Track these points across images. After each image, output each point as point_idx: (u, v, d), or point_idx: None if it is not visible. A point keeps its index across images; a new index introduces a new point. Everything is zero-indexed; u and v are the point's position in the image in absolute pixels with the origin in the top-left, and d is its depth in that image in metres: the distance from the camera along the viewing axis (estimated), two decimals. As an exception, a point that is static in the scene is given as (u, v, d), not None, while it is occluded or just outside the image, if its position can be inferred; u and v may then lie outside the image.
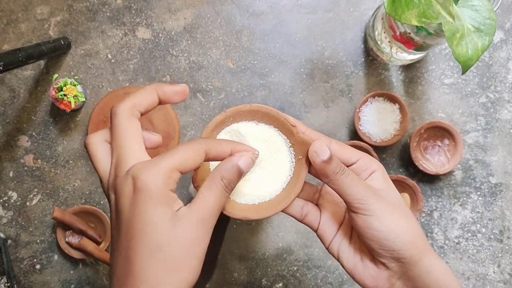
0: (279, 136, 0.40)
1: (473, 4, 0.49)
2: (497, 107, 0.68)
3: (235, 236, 0.69)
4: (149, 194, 0.30)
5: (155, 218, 0.30)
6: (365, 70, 0.68)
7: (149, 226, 0.30)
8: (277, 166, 0.41)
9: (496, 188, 0.68)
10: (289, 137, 0.40)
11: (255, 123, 0.40)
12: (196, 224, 0.32)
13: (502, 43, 0.68)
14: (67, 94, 0.62)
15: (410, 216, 0.39)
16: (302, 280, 0.68)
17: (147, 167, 0.31)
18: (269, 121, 0.40)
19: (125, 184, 0.31)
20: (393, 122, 0.66)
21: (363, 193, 0.37)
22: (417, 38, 0.56)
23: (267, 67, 0.68)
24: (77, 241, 0.66)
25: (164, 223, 0.30)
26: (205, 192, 0.33)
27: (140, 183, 0.30)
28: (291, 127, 0.39)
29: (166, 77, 0.69)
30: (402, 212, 0.39)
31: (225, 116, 0.39)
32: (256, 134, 0.40)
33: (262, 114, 0.40)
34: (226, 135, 0.40)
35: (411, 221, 0.39)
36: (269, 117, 0.40)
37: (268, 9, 0.69)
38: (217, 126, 0.39)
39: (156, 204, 0.30)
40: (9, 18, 0.68)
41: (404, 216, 0.38)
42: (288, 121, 0.39)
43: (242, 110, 0.39)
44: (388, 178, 0.41)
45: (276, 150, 0.41)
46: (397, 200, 0.40)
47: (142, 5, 0.69)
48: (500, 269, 0.68)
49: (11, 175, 0.69)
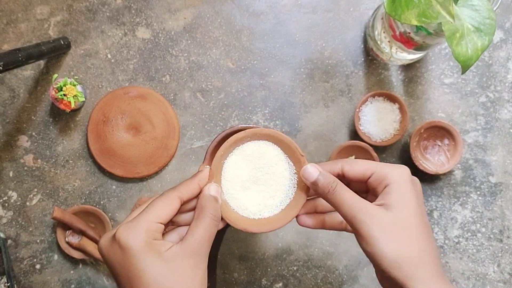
0: (286, 159, 0.45)
1: (473, 4, 0.49)
2: (496, 107, 0.68)
3: (235, 236, 0.69)
4: (134, 250, 0.36)
5: (147, 267, 0.36)
6: (365, 70, 0.68)
7: (145, 274, 0.36)
8: (279, 186, 0.45)
9: (496, 187, 0.68)
10: (295, 164, 0.45)
11: (266, 143, 0.45)
12: (188, 258, 0.37)
13: (502, 43, 0.68)
14: (67, 94, 0.62)
15: (412, 236, 0.38)
16: (302, 280, 0.68)
17: (128, 228, 0.36)
18: (281, 146, 0.45)
19: (113, 247, 0.37)
20: (393, 122, 0.66)
21: (353, 213, 0.39)
22: (417, 38, 0.56)
23: (267, 67, 0.68)
24: (77, 241, 0.66)
25: (156, 267, 0.36)
26: (193, 228, 0.39)
27: (124, 243, 0.36)
28: (299, 156, 0.44)
29: (166, 77, 0.69)
30: (402, 231, 0.38)
31: (244, 135, 0.45)
32: (265, 154, 0.45)
33: (276, 140, 0.45)
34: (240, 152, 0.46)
35: (407, 242, 0.38)
36: (282, 143, 0.45)
37: (268, 9, 0.69)
38: (235, 143, 0.45)
39: (143, 255, 0.36)
40: (9, 18, 0.68)
41: (400, 236, 0.38)
42: (298, 151, 0.44)
43: (260, 133, 0.45)
44: (407, 188, 0.39)
45: (280, 172, 0.45)
46: (403, 216, 0.38)
47: (142, 5, 0.69)
48: (500, 268, 0.68)
49: (11, 175, 0.69)
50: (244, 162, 0.46)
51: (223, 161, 0.46)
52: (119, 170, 0.67)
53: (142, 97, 0.67)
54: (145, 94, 0.67)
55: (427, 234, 0.39)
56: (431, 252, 0.38)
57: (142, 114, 0.67)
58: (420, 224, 0.39)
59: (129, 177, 0.68)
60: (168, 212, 0.39)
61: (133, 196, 0.69)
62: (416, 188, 0.41)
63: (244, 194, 0.46)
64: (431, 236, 0.40)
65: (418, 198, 0.40)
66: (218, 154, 0.45)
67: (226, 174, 0.46)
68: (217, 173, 0.45)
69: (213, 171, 0.44)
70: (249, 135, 0.45)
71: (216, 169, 0.45)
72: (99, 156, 0.67)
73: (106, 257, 0.38)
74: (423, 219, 0.40)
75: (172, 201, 0.39)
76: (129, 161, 0.67)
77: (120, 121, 0.67)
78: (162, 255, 0.36)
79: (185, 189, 0.41)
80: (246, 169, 0.46)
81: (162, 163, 0.68)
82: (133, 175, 0.68)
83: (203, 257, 0.38)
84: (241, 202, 0.46)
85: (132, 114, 0.67)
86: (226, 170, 0.46)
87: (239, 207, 0.46)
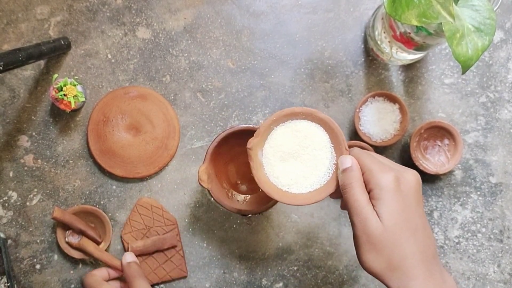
0: (331, 148, 0.47)
1: (473, 4, 0.49)
2: (497, 107, 0.68)
3: (235, 236, 0.69)
4: None
5: None
6: (365, 70, 0.68)
7: None
8: (315, 170, 0.47)
9: (496, 188, 0.68)
10: (337, 155, 0.46)
11: (318, 127, 0.47)
12: None
13: (502, 43, 0.68)
14: (67, 94, 0.62)
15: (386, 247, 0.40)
16: (302, 280, 0.68)
17: None
18: (330, 134, 0.47)
19: None
20: (393, 122, 0.66)
21: (352, 214, 0.42)
22: (417, 38, 0.56)
23: (267, 67, 0.68)
24: (77, 241, 0.66)
25: None
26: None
27: None
28: (344, 149, 0.46)
29: (166, 77, 0.69)
30: (384, 243, 0.41)
31: (300, 111, 0.47)
32: (313, 135, 0.47)
33: (328, 127, 0.47)
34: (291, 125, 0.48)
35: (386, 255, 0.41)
36: (332, 132, 0.47)
37: (268, 9, 0.69)
38: (289, 115, 0.47)
39: None
40: (9, 18, 0.68)
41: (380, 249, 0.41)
42: (344, 144, 0.46)
43: (315, 115, 0.47)
44: (389, 196, 0.41)
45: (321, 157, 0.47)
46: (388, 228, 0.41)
47: (142, 5, 0.69)
48: (500, 269, 0.68)
49: (11, 175, 0.69)
50: (291, 135, 0.48)
51: (273, 127, 0.48)
52: (119, 170, 0.67)
53: (142, 97, 0.67)
54: (145, 94, 0.67)
55: (412, 240, 0.41)
56: (415, 256, 0.40)
57: (142, 114, 0.67)
58: (403, 233, 0.41)
59: (129, 177, 0.68)
60: None
61: (133, 196, 0.69)
62: (403, 194, 0.42)
63: (280, 165, 0.48)
64: (419, 239, 0.41)
65: (405, 203, 0.41)
66: (270, 119, 0.47)
67: (271, 140, 0.48)
68: (263, 135, 0.47)
69: None
70: (305, 113, 0.47)
71: (264, 132, 0.47)
72: (99, 156, 0.67)
73: None
74: (411, 224, 0.41)
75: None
76: (129, 161, 0.67)
77: (121, 121, 0.67)
78: None
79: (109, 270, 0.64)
80: (291, 143, 0.48)
81: (162, 163, 0.68)
82: (133, 175, 0.68)
83: None
84: (275, 170, 0.48)
85: (132, 114, 0.67)
86: (272, 137, 0.48)
87: (272, 174, 0.48)
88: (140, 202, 0.68)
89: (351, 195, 0.42)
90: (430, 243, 0.42)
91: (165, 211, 0.68)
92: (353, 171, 0.43)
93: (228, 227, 0.69)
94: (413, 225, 0.41)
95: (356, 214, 0.42)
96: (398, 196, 0.41)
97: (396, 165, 0.45)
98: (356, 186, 0.43)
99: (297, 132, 0.47)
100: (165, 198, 0.69)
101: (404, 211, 0.41)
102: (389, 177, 0.41)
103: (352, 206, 0.42)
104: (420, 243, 0.41)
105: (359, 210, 0.42)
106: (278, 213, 0.68)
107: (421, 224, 0.42)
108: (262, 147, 0.48)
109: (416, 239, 0.41)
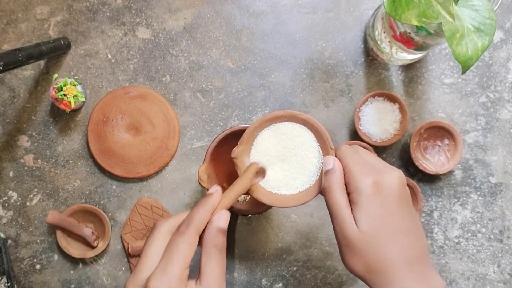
0: (317, 147, 0.47)
1: (473, 4, 0.49)
2: (497, 107, 0.68)
3: (235, 236, 0.69)
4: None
5: None
6: (365, 70, 0.68)
7: None
8: (304, 170, 0.47)
9: (496, 188, 0.68)
10: (324, 154, 0.47)
11: (302, 128, 0.47)
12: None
13: (502, 43, 0.68)
14: (67, 94, 0.62)
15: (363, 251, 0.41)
16: (302, 280, 0.68)
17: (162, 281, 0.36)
18: (315, 134, 0.47)
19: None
20: (393, 122, 0.66)
21: (332, 216, 0.43)
22: (417, 38, 0.56)
23: (267, 67, 0.68)
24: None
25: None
26: (206, 266, 0.39)
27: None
28: (329, 148, 0.46)
29: (166, 77, 0.69)
30: (361, 247, 0.41)
31: (282, 115, 0.47)
32: (298, 137, 0.47)
33: (312, 127, 0.47)
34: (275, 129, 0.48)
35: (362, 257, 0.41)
36: (317, 132, 0.47)
37: (268, 9, 0.69)
38: (271, 120, 0.47)
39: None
40: (9, 18, 0.68)
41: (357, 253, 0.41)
42: (329, 143, 0.46)
43: (298, 116, 0.47)
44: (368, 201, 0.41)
45: (308, 157, 0.47)
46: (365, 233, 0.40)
47: (142, 5, 0.69)
48: (500, 269, 0.68)
49: (11, 175, 0.69)
50: (277, 139, 0.48)
51: (257, 133, 0.48)
52: (119, 170, 0.67)
53: (142, 97, 0.67)
54: (145, 94, 0.67)
55: (392, 243, 0.40)
56: (394, 259, 0.40)
57: (142, 114, 0.67)
58: (381, 237, 0.40)
59: (129, 177, 0.68)
60: (193, 253, 0.39)
61: (133, 196, 0.69)
62: (382, 197, 0.41)
63: (268, 168, 0.48)
64: (400, 242, 0.41)
65: (384, 207, 0.41)
66: (252, 126, 0.48)
67: (256, 145, 0.48)
68: (248, 142, 0.48)
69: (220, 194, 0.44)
70: (287, 115, 0.47)
71: (248, 139, 0.47)
72: (99, 156, 0.67)
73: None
74: (390, 228, 0.41)
75: (194, 240, 0.39)
76: (129, 161, 0.67)
77: (120, 121, 0.67)
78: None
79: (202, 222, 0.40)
80: (277, 146, 0.48)
81: (162, 163, 0.68)
82: (133, 175, 0.68)
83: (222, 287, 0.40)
84: (268, 177, 0.48)
85: (132, 114, 0.67)
86: (257, 142, 0.48)
87: (265, 182, 0.48)
88: (140, 202, 0.68)
89: (330, 197, 0.42)
90: (415, 245, 0.41)
91: (165, 211, 0.68)
92: (333, 173, 0.43)
93: (227, 227, 0.69)
94: (392, 229, 0.41)
95: (335, 217, 0.42)
96: (376, 201, 0.41)
97: (381, 166, 0.44)
98: (335, 188, 0.42)
99: (282, 134, 0.48)
100: (165, 198, 0.69)
101: (383, 215, 0.41)
102: (368, 181, 0.41)
103: (331, 208, 0.42)
104: (401, 246, 0.41)
105: (337, 213, 0.42)
106: (278, 213, 0.68)
107: (403, 227, 0.41)
108: (249, 153, 0.48)
109: (397, 242, 0.40)
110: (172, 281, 0.36)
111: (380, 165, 0.44)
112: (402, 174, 0.43)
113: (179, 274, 0.37)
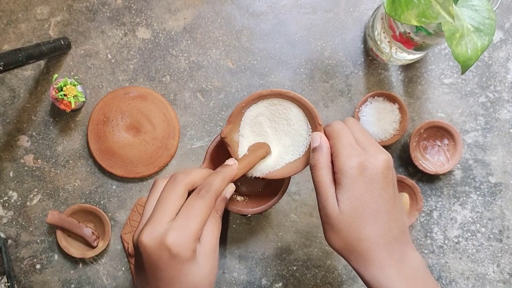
0: (306, 121, 0.48)
1: (473, 4, 0.49)
2: (496, 107, 0.68)
3: (235, 236, 0.69)
4: (184, 259, 0.38)
5: (189, 271, 0.39)
6: (364, 70, 0.68)
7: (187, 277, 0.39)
8: (293, 141, 0.48)
9: (496, 187, 0.68)
10: (313, 129, 0.47)
11: (290, 103, 0.48)
12: (210, 255, 0.41)
13: (502, 43, 0.68)
14: (67, 94, 0.62)
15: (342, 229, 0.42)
16: (302, 280, 0.69)
17: (179, 237, 0.38)
18: (304, 109, 0.47)
19: (162, 252, 0.38)
20: (393, 122, 0.66)
21: (317, 193, 0.44)
22: (416, 38, 0.56)
23: (267, 67, 0.69)
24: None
25: (194, 270, 0.39)
26: (207, 226, 0.41)
27: (176, 252, 0.38)
28: (317, 124, 0.46)
29: (166, 77, 0.69)
30: (342, 224, 0.42)
31: (268, 93, 0.47)
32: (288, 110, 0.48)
33: (300, 103, 0.47)
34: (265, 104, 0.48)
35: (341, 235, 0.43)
36: (305, 108, 0.47)
37: (268, 9, 0.69)
38: (258, 98, 0.47)
39: (190, 263, 0.39)
40: (9, 18, 0.68)
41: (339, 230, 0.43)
42: (317, 119, 0.46)
43: (285, 94, 0.47)
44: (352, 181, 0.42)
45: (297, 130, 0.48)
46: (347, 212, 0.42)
47: (142, 5, 0.69)
48: (499, 268, 0.68)
49: (11, 175, 0.69)
50: (267, 112, 0.49)
51: (244, 111, 0.48)
52: (119, 170, 0.67)
53: (142, 97, 0.67)
54: (145, 94, 0.67)
55: (370, 224, 0.42)
56: (371, 239, 0.42)
57: (142, 114, 0.67)
58: (360, 217, 0.42)
59: (129, 177, 0.68)
60: (208, 216, 0.41)
61: (133, 196, 0.69)
62: (366, 179, 0.42)
63: (258, 139, 0.49)
64: (379, 223, 0.42)
65: (367, 189, 0.42)
66: (240, 105, 0.48)
67: (246, 117, 0.48)
68: (236, 121, 0.48)
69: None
70: (274, 93, 0.47)
71: (236, 117, 0.48)
72: (99, 156, 0.67)
73: (151, 259, 0.39)
74: (370, 209, 0.42)
75: (212, 205, 0.41)
76: (129, 161, 0.67)
77: (120, 121, 0.67)
78: (195, 260, 0.40)
79: (219, 190, 0.42)
80: (267, 119, 0.49)
81: (162, 163, 0.68)
82: (133, 175, 0.68)
83: (217, 250, 0.42)
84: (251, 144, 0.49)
85: (132, 114, 0.67)
86: (248, 115, 0.48)
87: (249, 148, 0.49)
88: (140, 202, 0.68)
89: (316, 175, 0.44)
90: (393, 225, 0.42)
91: (165, 211, 0.68)
92: (320, 151, 0.44)
93: (228, 227, 0.69)
94: (373, 210, 0.42)
95: (318, 195, 0.44)
96: (359, 182, 0.42)
97: (370, 146, 0.44)
98: (320, 167, 0.44)
99: (270, 110, 0.49)
100: (165, 198, 0.69)
101: (364, 196, 0.41)
102: (353, 163, 0.42)
103: (316, 186, 0.44)
104: (380, 227, 0.42)
105: (321, 191, 0.43)
106: (277, 212, 0.68)
107: (384, 208, 0.42)
108: (238, 131, 0.49)
109: (376, 223, 0.42)
110: (190, 239, 0.38)
111: (369, 146, 0.44)
112: (389, 157, 0.43)
113: (196, 234, 0.39)
